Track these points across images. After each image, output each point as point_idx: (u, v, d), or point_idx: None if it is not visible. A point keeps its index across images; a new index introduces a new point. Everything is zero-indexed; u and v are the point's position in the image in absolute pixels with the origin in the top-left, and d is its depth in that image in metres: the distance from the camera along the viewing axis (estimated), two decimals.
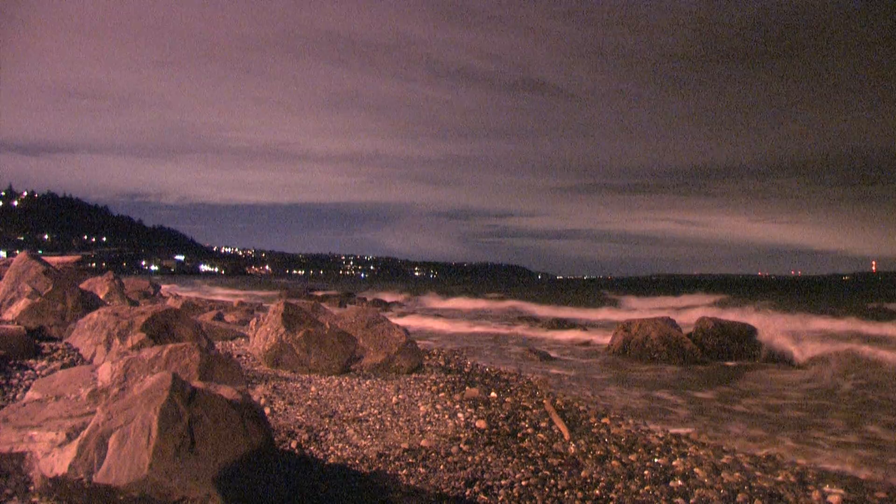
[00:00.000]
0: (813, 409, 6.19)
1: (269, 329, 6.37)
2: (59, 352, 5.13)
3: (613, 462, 3.95)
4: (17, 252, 8.93)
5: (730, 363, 9.23)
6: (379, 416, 4.59)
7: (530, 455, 3.96)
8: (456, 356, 8.42)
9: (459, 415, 4.85)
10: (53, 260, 10.91)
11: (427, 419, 4.65)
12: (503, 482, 3.42)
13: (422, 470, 3.50)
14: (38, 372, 4.40)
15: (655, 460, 4.07)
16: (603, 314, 19.18)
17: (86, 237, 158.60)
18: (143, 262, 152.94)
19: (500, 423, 4.67)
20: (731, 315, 13.03)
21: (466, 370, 7.24)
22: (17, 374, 4.27)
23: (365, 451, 3.74)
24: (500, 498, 3.21)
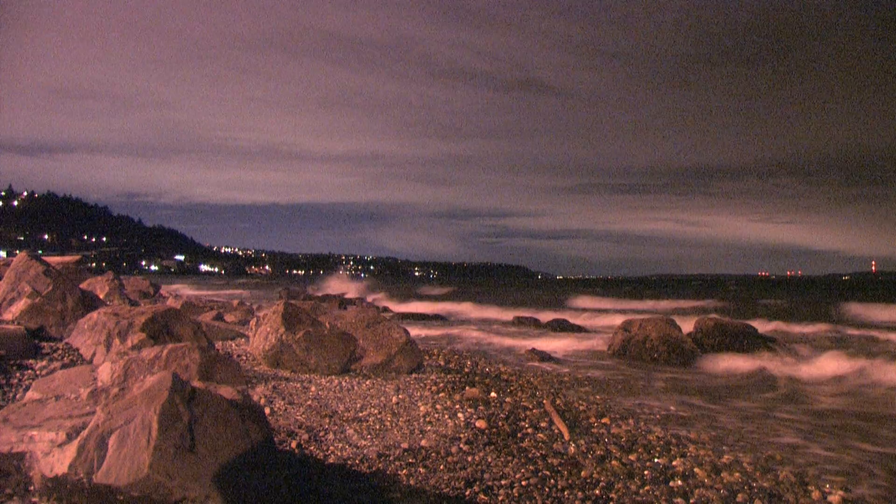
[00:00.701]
0: (812, 409, 6.19)
1: (269, 329, 6.37)
2: (59, 352, 5.13)
3: (613, 462, 3.95)
4: (17, 252, 8.93)
5: (729, 363, 9.22)
6: (379, 416, 4.59)
7: (530, 455, 3.96)
8: (456, 356, 8.41)
9: (459, 415, 4.85)
10: (53, 260, 10.91)
11: (427, 419, 4.65)
12: (503, 482, 3.42)
13: (422, 470, 3.50)
14: (38, 372, 4.40)
15: (655, 460, 4.07)
16: (602, 315, 19.15)
17: (86, 237, 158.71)
18: (143, 262, 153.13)
19: (500, 423, 4.67)
20: (731, 315, 13.04)
21: (466, 370, 7.24)
22: (17, 374, 4.27)
23: (365, 451, 3.74)
24: (500, 498, 3.21)
